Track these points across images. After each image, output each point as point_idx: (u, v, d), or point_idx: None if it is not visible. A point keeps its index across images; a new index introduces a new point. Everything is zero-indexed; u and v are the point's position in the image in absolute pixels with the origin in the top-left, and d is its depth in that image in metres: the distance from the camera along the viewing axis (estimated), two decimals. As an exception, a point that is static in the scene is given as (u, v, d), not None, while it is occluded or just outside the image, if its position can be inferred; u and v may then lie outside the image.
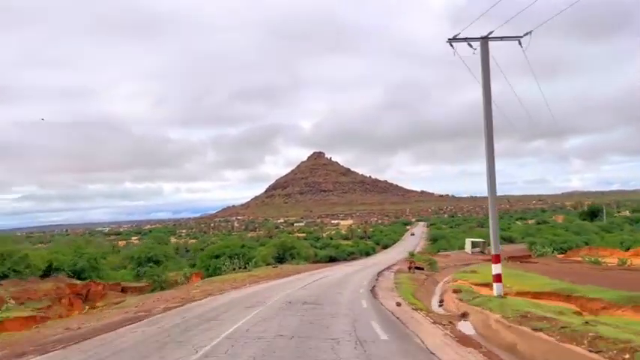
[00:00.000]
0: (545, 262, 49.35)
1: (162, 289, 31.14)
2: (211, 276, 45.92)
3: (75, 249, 35.09)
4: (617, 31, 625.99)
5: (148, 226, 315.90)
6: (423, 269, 37.37)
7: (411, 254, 66.83)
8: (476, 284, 25.84)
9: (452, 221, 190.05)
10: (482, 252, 68.87)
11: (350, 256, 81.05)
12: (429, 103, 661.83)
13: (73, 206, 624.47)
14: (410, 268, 37.02)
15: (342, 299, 19.10)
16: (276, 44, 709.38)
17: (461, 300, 16.87)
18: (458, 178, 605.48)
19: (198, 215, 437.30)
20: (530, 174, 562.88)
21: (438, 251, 72.27)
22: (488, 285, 25.20)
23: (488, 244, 77.90)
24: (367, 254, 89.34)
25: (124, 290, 31.30)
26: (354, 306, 16.72)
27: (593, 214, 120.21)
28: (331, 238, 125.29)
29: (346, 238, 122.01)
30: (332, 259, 79.26)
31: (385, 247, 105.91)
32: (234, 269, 45.96)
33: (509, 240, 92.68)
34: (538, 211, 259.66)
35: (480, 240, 72.68)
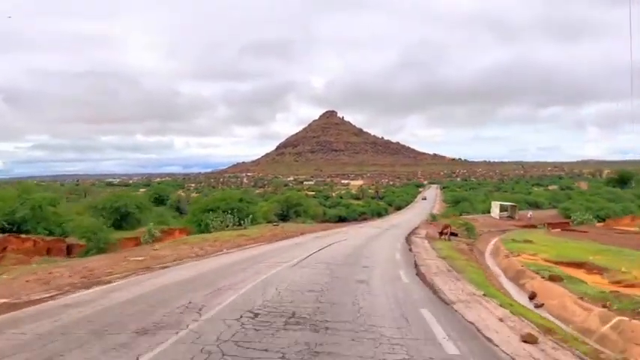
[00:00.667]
0: (597, 232, 41.16)
1: (102, 251, 22.98)
2: (203, 232, 38.46)
3: (20, 194, 27.32)
4: None
5: (158, 179, 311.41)
6: (457, 235, 29.33)
7: (433, 217, 59.04)
8: (551, 262, 17.81)
9: (466, 184, 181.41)
10: (510, 217, 60.80)
11: (361, 217, 73.44)
12: (445, 66, 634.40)
13: (86, 157, 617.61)
14: (443, 233, 29.01)
15: (380, 306, 9.35)
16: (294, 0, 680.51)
17: (607, 308, 8.65)
18: (471, 142, 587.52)
19: (208, 170, 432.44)
20: (544, 141, 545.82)
21: (461, 214, 64.34)
22: (571, 265, 17.06)
23: (520, 209, 70.20)
24: (379, 215, 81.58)
25: (69, 250, 23.73)
26: (407, 328, 7.58)
27: (622, 181, 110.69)
28: (341, 198, 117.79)
29: (357, 198, 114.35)
30: (341, 219, 71.74)
31: (398, 208, 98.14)
32: (227, 226, 38.51)
33: (535, 205, 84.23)
34: (555, 177, 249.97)
35: (509, 204, 64.35)
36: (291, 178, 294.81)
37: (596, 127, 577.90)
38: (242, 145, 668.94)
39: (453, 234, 29.01)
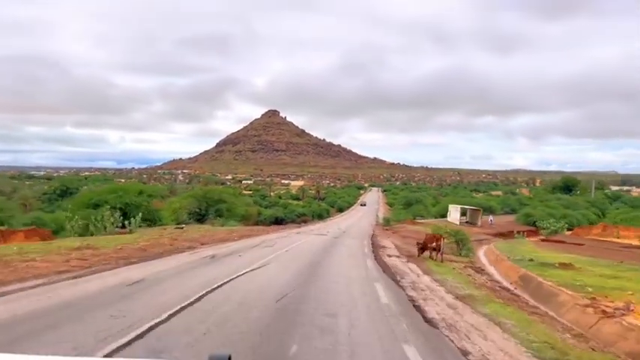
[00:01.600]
0: (593, 245, 32.59)
1: None
2: (83, 235, 25.90)
3: None
4: (576, 11, 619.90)
5: (87, 174, 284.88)
6: (439, 251, 18.90)
7: (386, 221, 49.14)
8: None
9: (406, 188, 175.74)
10: (471, 222, 52.18)
11: (300, 219, 62.52)
12: (386, 71, 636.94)
13: (9, 148, 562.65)
14: (428, 248, 18.52)
15: None
16: None
17: None
18: (409, 147, 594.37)
19: (144, 166, 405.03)
20: (477, 149, 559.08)
21: (415, 218, 55.19)
22: None
23: (484, 214, 61.88)
24: (320, 217, 71.10)
25: None
26: None
27: (567, 188, 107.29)
28: (280, 197, 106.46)
29: (297, 199, 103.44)
30: (278, 221, 60.38)
31: (340, 210, 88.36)
32: (104, 228, 26.27)
33: (489, 210, 77.02)
34: (490, 184, 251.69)
35: (470, 207, 55.72)
36: (230, 177, 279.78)
37: (524, 138, 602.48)
38: (180, 141, 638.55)
39: (435, 249, 18.67)
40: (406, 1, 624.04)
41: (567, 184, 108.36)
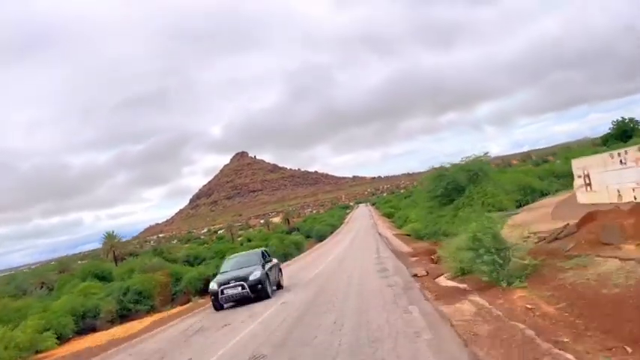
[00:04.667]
0: None
1: None
2: None
3: None
4: None
5: (80, 262, 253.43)
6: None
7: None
8: None
9: (401, 194, 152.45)
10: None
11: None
12: (336, 90, 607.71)
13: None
14: None
15: None
16: (169, 49, 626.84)
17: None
18: (383, 161, 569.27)
19: (125, 240, 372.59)
20: (449, 147, 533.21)
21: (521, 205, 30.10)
22: None
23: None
24: (285, 257, 45.31)
25: None
26: None
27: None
28: (241, 244, 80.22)
29: (266, 239, 77.66)
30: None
31: (321, 238, 62.58)
32: None
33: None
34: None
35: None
36: (205, 230, 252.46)
37: (491, 126, 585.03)
38: (156, 207, 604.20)
39: None
40: (335, 15, 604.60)
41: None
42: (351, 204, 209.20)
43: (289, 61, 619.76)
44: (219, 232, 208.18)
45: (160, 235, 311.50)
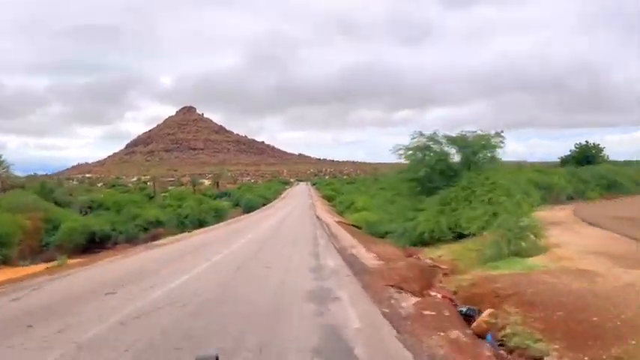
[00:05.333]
0: None
1: None
2: None
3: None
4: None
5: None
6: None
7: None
8: None
9: (343, 180, 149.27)
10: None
11: (149, 232, 30.27)
12: (300, 65, 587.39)
13: None
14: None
15: None
16: None
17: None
18: (332, 145, 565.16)
19: (48, 174, 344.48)
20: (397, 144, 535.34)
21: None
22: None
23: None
24: (201, 225, 38.86)
25: None
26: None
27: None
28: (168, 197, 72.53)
29: (180, 199, 70.69)
30: (96, 242, 27.79)
31: (249, 209, 56.36)
32: None
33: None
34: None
35: None
36: (135, 179, 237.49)
37: (440, 132, 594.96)
38: (92, 146, 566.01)
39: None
40: None
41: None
42: (292, 180, 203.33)
43: (256, 26, 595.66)
44: (148, 183, 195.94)
45: (87, 175, 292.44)
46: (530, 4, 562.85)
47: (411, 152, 20.21)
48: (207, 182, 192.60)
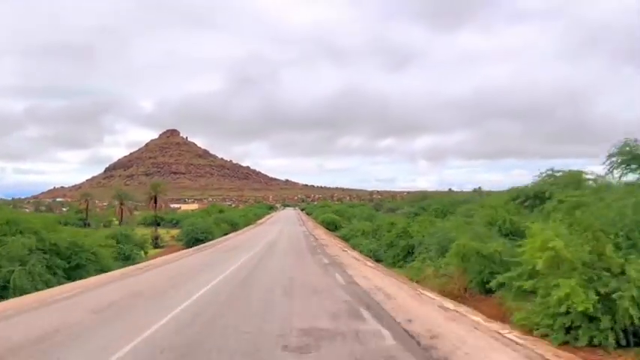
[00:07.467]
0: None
1: None
2: None
3: None
4: (464, 24, 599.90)
5: None
6: None
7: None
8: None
9: (347, 203, 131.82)
10: None
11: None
12: (283, 90, 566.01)
13: None
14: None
15: None
16: (111, 5, 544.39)
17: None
18: (318, 173, 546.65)
19: (18, 198, 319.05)
20: (382, 173, 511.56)
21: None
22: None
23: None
24: (127, 258, 20.66)
25: None
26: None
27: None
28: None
29: (158, 223, 52.26)
30: None
31: (193, 243, 37.09)
32: None
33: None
34: (414, 204, 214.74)
35: None
36: (106, 203, 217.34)
37: (424, 160, 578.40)
38: (72, 171, 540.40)
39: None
40: (295, 12, 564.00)
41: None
42: (277, 205, 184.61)
43: (238, 49, 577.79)
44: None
45: (58, 200, 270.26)
46: (515, 32, 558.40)
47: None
48: (182, 207, 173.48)
